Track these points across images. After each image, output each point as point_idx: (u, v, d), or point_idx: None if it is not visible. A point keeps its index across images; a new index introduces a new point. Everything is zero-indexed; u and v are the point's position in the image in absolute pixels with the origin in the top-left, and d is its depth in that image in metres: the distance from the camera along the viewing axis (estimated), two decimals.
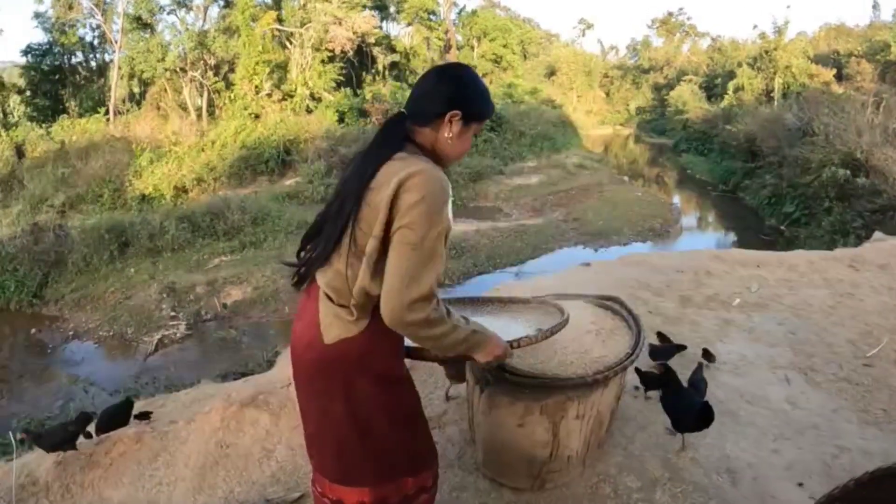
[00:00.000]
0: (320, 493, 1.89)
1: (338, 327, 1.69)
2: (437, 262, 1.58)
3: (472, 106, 1.74)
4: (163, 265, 14.13)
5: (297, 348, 1.81)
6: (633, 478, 2.67)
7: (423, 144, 1.73)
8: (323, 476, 1.86)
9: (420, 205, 1.55)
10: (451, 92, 1.72)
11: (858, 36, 33.99)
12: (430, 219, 1.55)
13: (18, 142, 21.00)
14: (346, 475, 1.81)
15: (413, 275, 1.54)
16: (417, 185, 1.55)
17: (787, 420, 3.18)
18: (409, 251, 1.55)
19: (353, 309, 1.67)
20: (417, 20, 36.57)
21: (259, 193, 18.84)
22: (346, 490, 1.81)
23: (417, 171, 1.57)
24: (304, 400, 1.86)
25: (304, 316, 1.79)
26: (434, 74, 1.79)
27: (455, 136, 1.73)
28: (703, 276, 5.54)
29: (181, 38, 25.68)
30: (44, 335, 11.70)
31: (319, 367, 1.74)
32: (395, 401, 1.82)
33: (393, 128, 1.74)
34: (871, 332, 4.29)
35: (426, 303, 1.56)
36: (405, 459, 1.85)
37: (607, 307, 2.88)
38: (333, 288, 1.69)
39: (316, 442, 1.86)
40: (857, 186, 14.39)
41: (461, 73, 1.79)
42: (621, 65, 55.48)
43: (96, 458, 3.13)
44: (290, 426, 3.23)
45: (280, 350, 6.77)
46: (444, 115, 1.70)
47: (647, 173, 28.55)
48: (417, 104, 1.75)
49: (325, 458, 1.84)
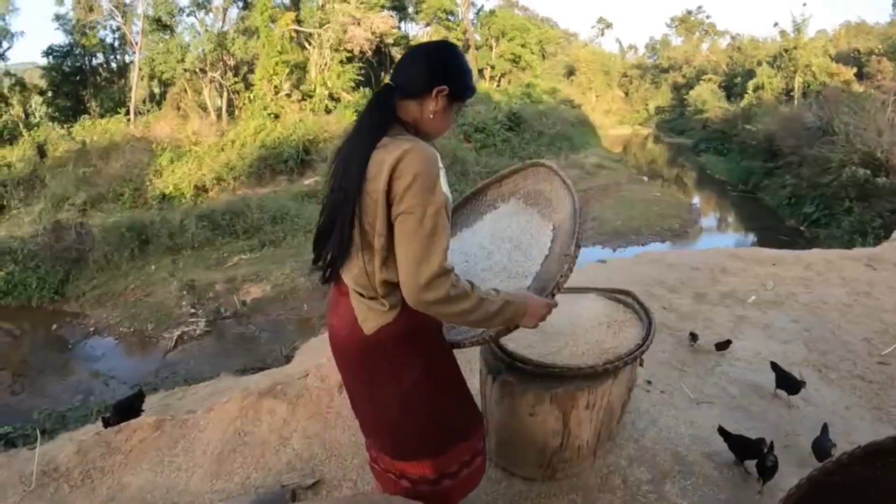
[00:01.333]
0: (383, 469, 1.98)
1: (374, 318, 1.73)
2: (442, 238, 1.59)
3: (458, 83, 1.76)
4: (183, 263, 14.28)
5: (337, 341, 1.87)
6: (643, 470, 2.70)
7: (406, 120, 1.75)
8: (384, 453, 1.94)
9: (412, 186, 1.56)
10: (439, 67, 1.74)
11: (879, 34, 33.58)
12: (425, 197, 1.57)
13: (40, 142, 21.21)
14: (404, 452, 1.89)
15: (421, 256, 1.57)
16: (406, 168, 1.57)
17: (800, 416, 3.18)
18: (412, 234, 1.57)
19: (382, 300, 1.71)
20: (436, 20, 36.55)
21: (278, 193, 18.92)
22: (407, 465, 1.90)
23: (402, 153, 1.58)
24: (353, 388, 1.93)
25: (337, 310, 1.84)
26: (423, 50, 1.81)
27: (439, 111, 1.75)
28: (719, 273, 5.54)
29: (200, 39, 25.80)
30: (64, 331, 11.85)
31: (363, 357, 1.79)
32: (440, 374, 1.88)
33: (381, 101, 1.75)
34: (886, 331, 4.28)
35: (442, 279, 1.58)
36: (456, 428, 1.92)
37: (619, 300, 2.89)
38: (360, 284, 1.73)
39: (370, 425, 1.96)
40: (878, 186, 14.25)
41: (449, 50, 1.81)
42: (640, 64, 55.23)
43: (116, 445, 3.19)
44: (306, 415, 3.29)
45: (298, 345, 6.82)
46: (432, 90, 1.72)
47: (666, 173, 28.38)
48: (405, 77, 1.76)
49: (382, 438, 1.93)
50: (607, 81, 49.34)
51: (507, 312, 1.72)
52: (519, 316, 1.75)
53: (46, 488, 2.99)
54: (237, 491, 2.85)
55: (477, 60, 39.62)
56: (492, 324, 1.74)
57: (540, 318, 1.80)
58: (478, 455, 2.01)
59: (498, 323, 1.74)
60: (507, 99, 32.91)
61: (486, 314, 1.67)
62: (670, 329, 4.30)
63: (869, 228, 13.31)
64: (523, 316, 1.76)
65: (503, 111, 27.61)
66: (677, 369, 3.68)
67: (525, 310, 1.75)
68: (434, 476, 1.91)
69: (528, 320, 1.78)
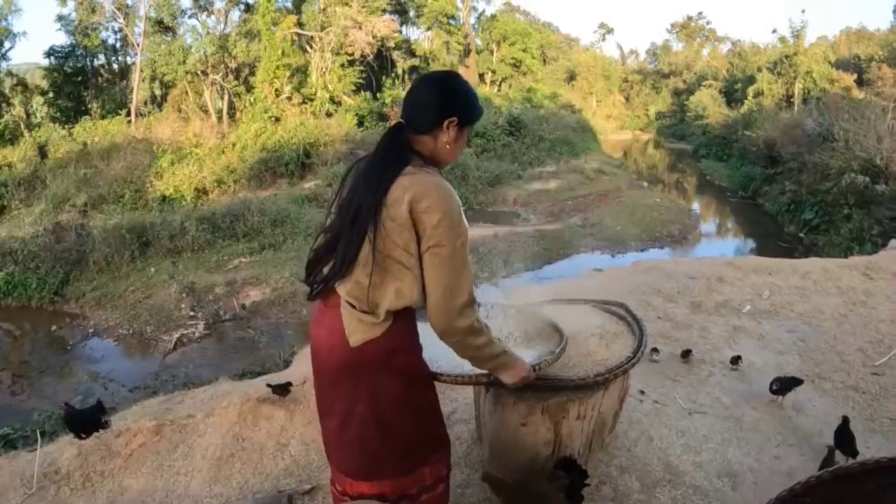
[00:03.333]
0: (340, 491, 1.97)
1: (362, 331, 1.78)
2: (469, 269, 1.73)
3: (465, 110, 1.82)
4: (183, 265, 14.34)
5: (320, 353, 1.89)
6: (634, 479, 2.72)
7: (422, 152, 1.80)
8: (343, 475, 1.94)
9: (442, 223, 1.67)
10: (445, 99, 1.79)
11: (879, 40, 33.68)
12: (453, 232, 1.69)
13: (41, 142, 21.33)
14: (367, 471, 1.89)
15: (453, 286, 1.70)
16: (434, 206, 1.67)
17: (792, 427, 3.20)
18: (444, 267, 1.69)
19: (377, 313, 1.77)
20: (437, 24, 36.64)
21: (279, 196, 19.00)
22: (366, 485, 1.90)
23: (427, 189, 1.68)
24: (327, 402, 1.94)
25: (324, 323, 1.87)
26: (425, 84, 1.86)
27: (452, 140, 1.81)
28: (716, 282, 5.55)
29: (202, 41, 25.92)
30: (64, 332, 11.92)
31: (345, 370, 1.82)
32: (417, 395, 1.92)
33: (395, 139, 1.81)
34: (882, 341, 4.27)
35: (470, 308, 1.73)
36: (422, 450, 1.94)
37: (612, 312, 2.93)
38: (355, 297, 1.77)
39: (337, 441, 1.94)
40: (877, 193, 14.29)
41: (451, 80, 1.85)
42: (641, 69, 55.30)
43: (116, 449, 3.22)
44: (304, 422, 3.33)
45: (297, 350, 6.85)
46: (442, 122, 1.77)
47: (667, 179, 28.46)
48: (414, 114, 1.81)
49: (345, 456, 1.92)
50: (608, 86, 49.42)
51: (503, 359, 1.89)
52: (507, 368, 1.92)
53: (47, 491, 3.01)
54: (235, 495, 2.88)
55: (478, 65, 39.74)
56: (486, 366, 1.89)
57: (520, 378, 1.96)
58: (440, 483, 2.01)
59: (490, 367, 1.90)
60: (507, 103, 33.04)
61: (489, 355, 1.84)
62: (665, 339, 4.32)
63: (867, 235, 13.34)
64: (510, 371, 1.93)
65: (504, 116, 27.68)
66: (671, 379, 3.71)
67: (514, 367, 1.93)
68: (393, 497, 1.90)
69: (510, 376, 1.94)
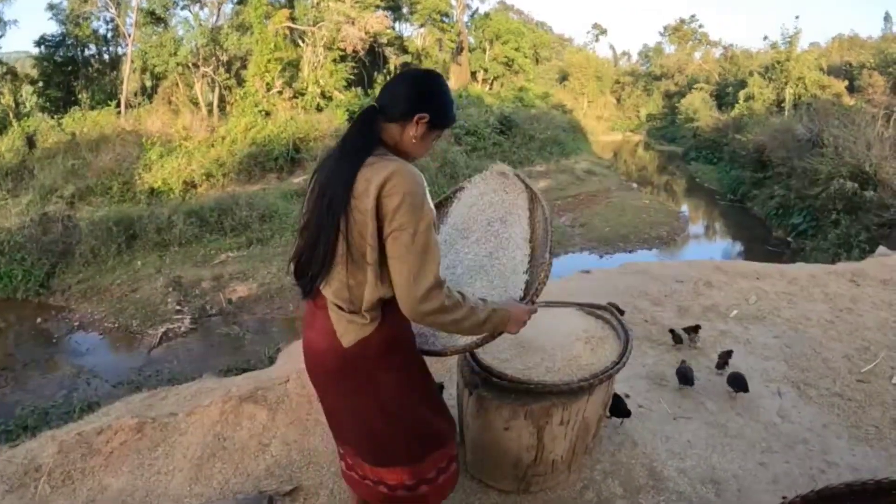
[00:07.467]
0: (360, 476, 2.03)
1: (353, 331, 1.78)
2: (434, 252, 1.68)
3: (439, 112, 1.81)
4: (170, 259, 14.26)
5: (313, 355, 1.91)
6: (617, 484, 2.72)
7: (388, 141, 1.80)
8: (362, 460, 1.99)
9: (402, 205, 1.64)
10: (422, 96, 1.80)
11: (871, 47, 33.91)
12: (415, 215, 1.65)
13: (30, 132, 21.08)
14: (384, 460, 1.95)
15: (416, 270, 1.65)
16: (395, 188, 1.64)
17: (777, 433, 3.21)
18: (406, 251, 1.65)
19: (364, 314, 1.77)
20: (430, 21, 36.50)
21: (267, 190, 18.88)
22: (385, 471, 1.96)
23: (390, 173, 1.65)
24: (330, 401, 1.98)
25: (315, 325, 1.88)
26: (409, 75, 1.87)
27: (419, 137, 1.80)
28: (703, 286, 5.55)
29: (194, 33, 25.68)
30: (49, 325, 11.80)
31: (343, 369, 1.84)
32: (416, 384, 1.96)
33: (365, 123, 1.81)
34: (868, 348, 4.28)
35: (436, 291, 1.67)
36: (433, 436, 1.98)
37: (598, 315, 2.92)
38: (341, 298, 1.78)
39: (349, 434, 1.99)
40: (865, 199, 14.35)
41: (434, 79, 1.86)
42: (633, 71, 55.33)
43: (97, 447, 3.19)
44: (286, 422, 3.31)
45: (282, 347, 6.82)
46: (413, 116, 1.77)
47: (656, 181, 28.49)
48: (389, 100, 1.81)
49: (361, 446, 1.97)
50: (600, 87, 49.39)
51: (494, 320, 1.83)
52: (504, 323, 1.87)
53: (27, 488, 2.99)
54: (216, 495, 2.86)
55: (470, 63, 39.68)
56: (480, 331, 1.85)
57: (522, 324, 1.93)
58: (453, 461, 2.08)
59: (486, 330, 1.85)
60: (499, 102, 32.99)
61: (476, 322, 1.78)
62: (651, 342, 4.32)
63: (855, 241, 13.41)
64: (507, 323, 1.88)
65: (495, 114, 27.66)
66: (656, 383, 3.70)
67: (509, 317, 1.87)
68: (412, 482, 1.97)
69: (511, 327, 1.90)
